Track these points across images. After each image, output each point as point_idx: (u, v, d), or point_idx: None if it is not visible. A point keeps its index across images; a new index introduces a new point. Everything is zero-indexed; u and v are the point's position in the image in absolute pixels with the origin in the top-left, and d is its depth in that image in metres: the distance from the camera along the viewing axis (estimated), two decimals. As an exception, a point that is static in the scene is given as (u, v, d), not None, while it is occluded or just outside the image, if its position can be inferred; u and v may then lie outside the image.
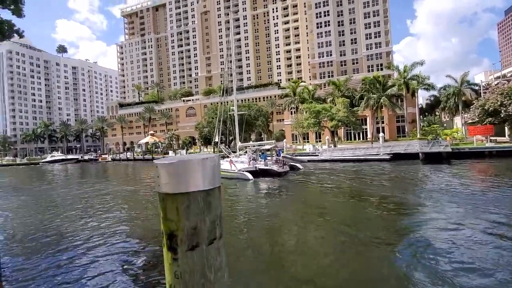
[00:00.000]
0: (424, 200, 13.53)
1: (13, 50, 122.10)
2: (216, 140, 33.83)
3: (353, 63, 78.56)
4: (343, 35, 79.27)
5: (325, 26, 79.78)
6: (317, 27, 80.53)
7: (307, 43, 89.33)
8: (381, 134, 40.32)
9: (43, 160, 77.51)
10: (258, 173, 23.03)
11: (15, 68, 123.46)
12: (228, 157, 27.68)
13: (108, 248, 8.93)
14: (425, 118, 73.48)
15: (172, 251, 1.24)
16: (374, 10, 75.98)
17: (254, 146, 27.82)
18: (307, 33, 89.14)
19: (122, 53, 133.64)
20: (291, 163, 26.93)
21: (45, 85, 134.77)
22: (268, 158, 25.42)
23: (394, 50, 78.96)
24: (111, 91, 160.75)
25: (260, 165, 23.89)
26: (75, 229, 11.24)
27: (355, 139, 55.41)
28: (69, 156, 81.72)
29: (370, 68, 74.99)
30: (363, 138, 54.23)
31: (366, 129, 53.94)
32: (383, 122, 53.96)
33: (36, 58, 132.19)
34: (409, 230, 9.34)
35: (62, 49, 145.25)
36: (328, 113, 39.11)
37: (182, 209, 1.22)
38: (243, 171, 22.73)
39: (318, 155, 36.78)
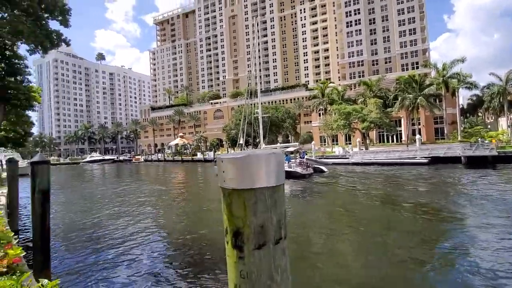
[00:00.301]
0: (467, 207, 12.29)
1: (58, 59, 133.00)
2: (241, 142, 34.49)
3: (386, 62, 75.05)
4: (374, 33, 76.16)
5: (356, 24, 77.24)
6: (347, 26, 78.20)
7: (336, 43, 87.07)
8: (417, 136, 37.85)
9: (83, 160, 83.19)
10: None
11: (60, 75, 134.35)
12: None
13: (145, 243, 9.22)
14: (466, 120, 68.12)
15: (237, 249, 1.17)
16: (409, 6, 72.10)
17: (279, 148, 27.91)
18: (336, 32, 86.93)
19: (154, 59, 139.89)
20: (315, 166, 26.88)
21: (86, 90, 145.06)
22: (292, 160, 25.23)
23: (430, 48, 74.01)
24: (144, 95, 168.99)
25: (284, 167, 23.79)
26: (115, 224, 11.76)
27: (388, 141, 52.68)
28: (106, 157, 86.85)
29: (405, 67, 71.16)
30: (397, 141, 51.38)
31: (401, 131, 51.06)
32: (419, 124, 50.76)
33: (78, 65, 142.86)
34: (448, 240, 8.47)
35: (100, 57, 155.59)
36: (359, 114, 37.52)
37: (249, 205, 1.15)
38: None
39: (348, 158, 35.35)
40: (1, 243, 2.70)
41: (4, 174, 22.79)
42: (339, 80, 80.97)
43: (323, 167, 27.05)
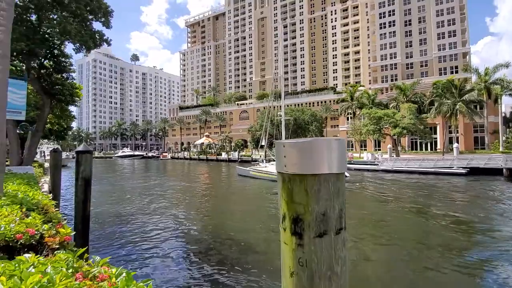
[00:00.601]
0: (508, 224, 11.17)
1: (97, 59, 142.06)
2: (263, 143, 34.83)
3: (422, 66, 71.29)
4: (410, 35, 72.71)
5: (390, 26, 74.28)
6: (380, 28, 75.44)
7: (368, 45, 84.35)
8: (455, 145, 35.40)
9: (115, 155, 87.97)
10: None
11: (98, 74, 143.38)
12: (274, 160, 28.40)
13: (171, 231, 9.59)
14: (509, 129, 62.66)
15: (297, 236, 1.15)
16: (449, 7, 67.98)
17: None
18: (368, 34, 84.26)
19: (185, 60, 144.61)
20: None
21: (120, 89, 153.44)
22: None
23: (471, 51, 69.24)
24: (173, 95, 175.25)
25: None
26: (144, 214, 12.38)
27: (421, 149, 49.85)
28: (136, 153, 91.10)
29: (442, 71, 67.13)
30: (431, 149, 48.46)
31: (436, 138, 48.10)
32: (457, 132, 47.50)
33: (114, 65, 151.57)
34: (480, 256, 7.74)
35: (135, 58, 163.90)
36: (390, 119, 35.89)
37: (312, 192, 1.12)
38: None
39: (377, 165, 33.93)
40: (53, 222, 2.85)
41: (47, 164, 24.70)
42: (370, 83, 78.28)
43: (346, 173, 26.44)
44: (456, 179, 26.08)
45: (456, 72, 61.92)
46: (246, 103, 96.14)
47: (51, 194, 8.62)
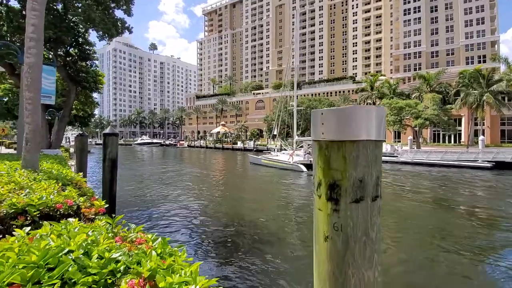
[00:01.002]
0: None
1: (117, 48, 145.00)
2: (275, 132, 35.13)
3: (448, 54, 67.63)
4: (436, 22, 68.83)
5: (415, 12, 70.55)
6: (405, 14, 71.81)
7: (391, 32, 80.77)
8: (481, 138, 33.72)
9: (134, 142, 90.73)
10: (312, 166, 23.47)
11: (118, 63, 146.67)
12: (285, 149, 30.41)
13: (189, 212, 10.14)
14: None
15: (333, 201, 1.16)
16: (479, -8, 63.61)
17: (310, 141, 28.16)
18: (391, 21, 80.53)
19: (201, 49, 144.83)
20: None
21: (139, 78, 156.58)
22: None
23: (500, 40, 64.87)
24: (190, 83, 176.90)
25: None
26: (163, 195, 13.10)
27: (444, 141, 47.93)
28: (154, 140, 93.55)
29: (469, 60, 63.48)
30: (454, 141, 46.49)
31: (460, 131, 46.01)
32: (483, 124, 45.17)
33: (133, 55, 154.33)
34: (504, 251, 7.40)
35: (153, 47, 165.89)
36: (412, 110, 34.59)
37: (351, 158, 1.13)
38: (298, 163, 23.70)
39: (397, 156, 33.04)
40: (87, 196, 3.02)
41: (72, 150, 25.94)
42: (391, 72, 75.40)
43: None
44: (481, 173, 24.99)
45: (484, 61, 58.41)
46: (262, 93, 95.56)
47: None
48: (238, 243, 7.55)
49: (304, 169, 22.89)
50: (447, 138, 47.88)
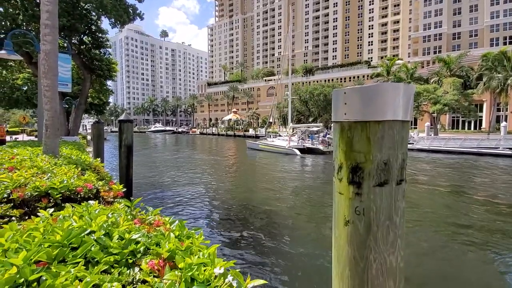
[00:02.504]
0: None
1: (129, 36, 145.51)
2: (271, 120, 36.81)
3: (471, 36, 63.99)
4: (459, 1, 64.82)
5: (436, -9, 66.73)
6: (425, -7, 68.07)
7: (410, 13, 76.93)
8: (503, 124, 32.23)
9: (148, 130, 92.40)
10: (305, 151, 26.54)
11: (130, 51, 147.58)
12: (280, 135, 33.26)
13: (202, 197, 10.29)
14: None
15: (355, 185, 1.11)
16: (508, -34, 59.04)
17: (303, 127, 31.51)
18: (410, 1, 76.52)
19: (212, 35, 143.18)
20: None
21: (151, 65, 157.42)
22: (315, 138, 28.80)
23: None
24: (201, 71, 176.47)
25: (308, 143, 27.64)
26: (177, 181, 13.47)
27: (463, 128, 46.23)
28: (167, 128, 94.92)
29: (494, 42, 59.90)
30: (475, 128, 44.75)
31: (481, 117, 44.13)
32: (506, 110, 43.11)
33: (145, 42, 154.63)
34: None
35: (164, 34, 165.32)
36: (430, 96, 33.29)
37: (375, 139, 1.07)
38: (292, 148, 26.25)
39: (413, 144, 32.20)
40: (106, 180, 3.09)
41: (89, 137, 26.74)
42: (409, 56, 72.41)
43: None
44: (502, 160, 24.04)
45: (510, 43, 54.96)
46: (274, 79, 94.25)
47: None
48: (251, 222, 7.72)
49: (298, 152, 25.42)
50: (466, 124, 46.12)
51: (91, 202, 1.83)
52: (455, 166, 21.44)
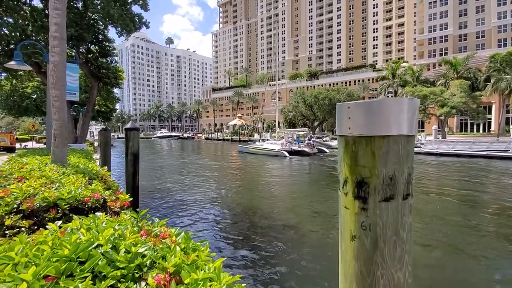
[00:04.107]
0: None
1: (135, 44, 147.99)
2: (258, 125, 38.80)
3: (477, 37, 63.36)
4: (464, 2, 64.39)
5: (441, -7, 66.46)
6: (430, -5, 67.85)
7: (414, 16, 76.65)
8: (513, 126, 31.70)
9: (154, 136, 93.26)
10: (292, 153, 29.14)
11: (136, 59, 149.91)
12: (268, 140, 37.42)
13: (208, 203, 10.18)
14: None
15: (360, 200, 1.11)
16: (515, -34, 58.58)
17: (290, 132, 34.26)
18: (415, 4, 76.30)
19: (217, 41, 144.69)
20: (319, 147, 32.61)
21: (157, 72, 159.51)
22: (301, 142, 31.50)
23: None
24: (206, 76, 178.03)
25: (295, 146, 30.06)
26: (183, 187, 13.34)
27: (471, 130, 45.52)
28: (173, 134, 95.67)
29: (502, 43, 59.18)
30: (483, 130, 44.00)
31: (490, 119, 43.43)
32: (515, 111, 42.35)
33: (150, 49, 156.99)
34: None
35: (169, 41, 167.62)
36: (437, 98, 32.94)
37: (380, 154, 1.07)
38: (281, 150, 29.18)
39: (420, 147, 31.79)
40: (112, 189, 3.12)
41: (96, 144, 27.10)
42: (414, 59, 71.95)
43: (324, 149, 32.66)
44: (512, 163, 23.54)
45: (519, 43, 54.20)
46: (279, 84, 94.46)
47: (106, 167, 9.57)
48: (255, 225, 7.66)
49: (287, 154, 28.21)
50: (475, 127, 45.40)
51: (98, 214, 1.84)
52: (464, 170, 21.06)
